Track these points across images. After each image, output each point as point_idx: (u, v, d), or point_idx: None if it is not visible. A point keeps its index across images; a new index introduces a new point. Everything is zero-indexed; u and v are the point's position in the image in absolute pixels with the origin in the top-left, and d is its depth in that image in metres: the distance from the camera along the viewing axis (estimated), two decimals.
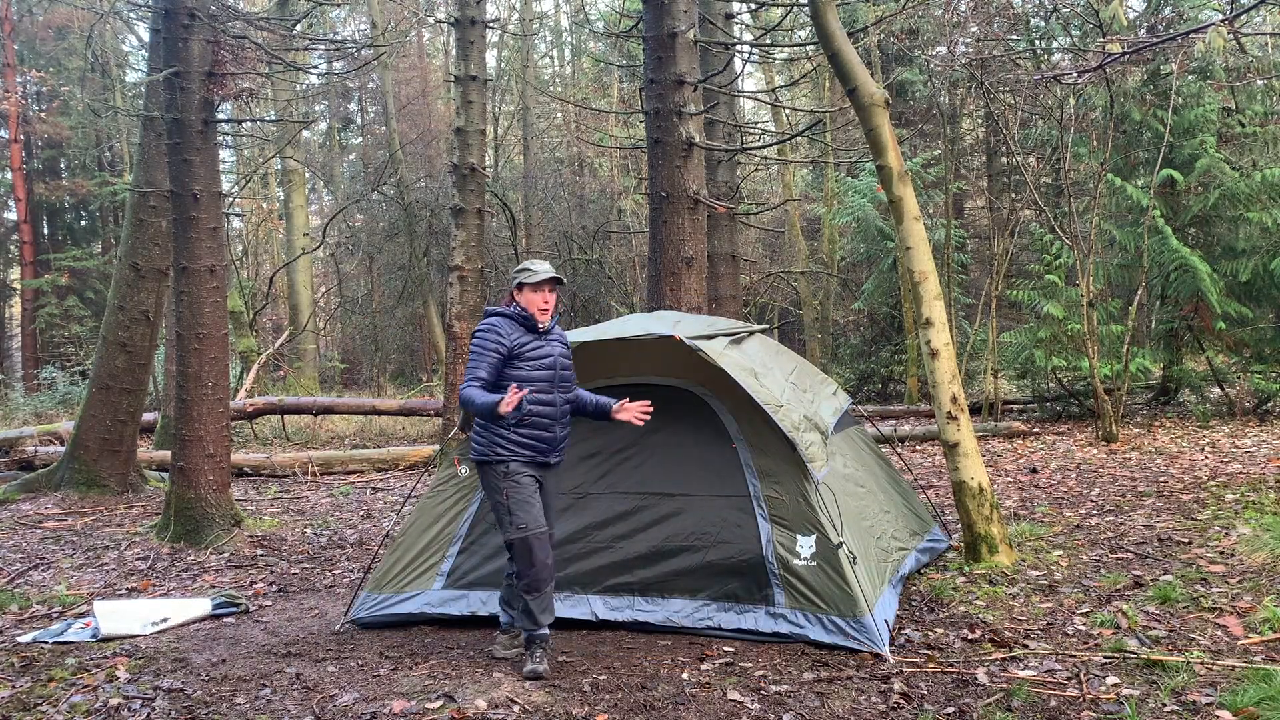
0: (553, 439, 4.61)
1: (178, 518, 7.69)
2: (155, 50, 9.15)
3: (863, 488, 5.60)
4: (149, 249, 9.86)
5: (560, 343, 4.75)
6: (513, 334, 4.56)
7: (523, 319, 4.60)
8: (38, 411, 18.22)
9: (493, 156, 20.64)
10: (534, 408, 4.52)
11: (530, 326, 4.60)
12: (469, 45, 11.56)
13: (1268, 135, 12.34)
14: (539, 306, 4.61)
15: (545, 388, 4.56)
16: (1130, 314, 11.50)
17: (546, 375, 4.58)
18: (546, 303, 4.63)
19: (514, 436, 4.52)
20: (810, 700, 3.96)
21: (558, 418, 4.63)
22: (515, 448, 4.52)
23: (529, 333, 4.60)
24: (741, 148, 12.49)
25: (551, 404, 4.59)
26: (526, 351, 4.56)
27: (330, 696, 4.22)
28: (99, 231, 26.16)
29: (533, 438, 4.55)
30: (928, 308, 5.94)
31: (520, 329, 4.60)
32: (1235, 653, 4.18)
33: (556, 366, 4.63)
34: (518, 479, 4.50)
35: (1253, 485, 7.63)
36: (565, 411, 4.68)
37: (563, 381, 4.66)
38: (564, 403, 4.66)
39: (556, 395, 4.60)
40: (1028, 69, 12.34)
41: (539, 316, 4.62)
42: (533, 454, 4.55)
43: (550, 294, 4.65)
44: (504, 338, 4.53)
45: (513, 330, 4.57)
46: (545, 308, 4.63)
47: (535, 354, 4.58)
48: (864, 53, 14.69)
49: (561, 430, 4.66)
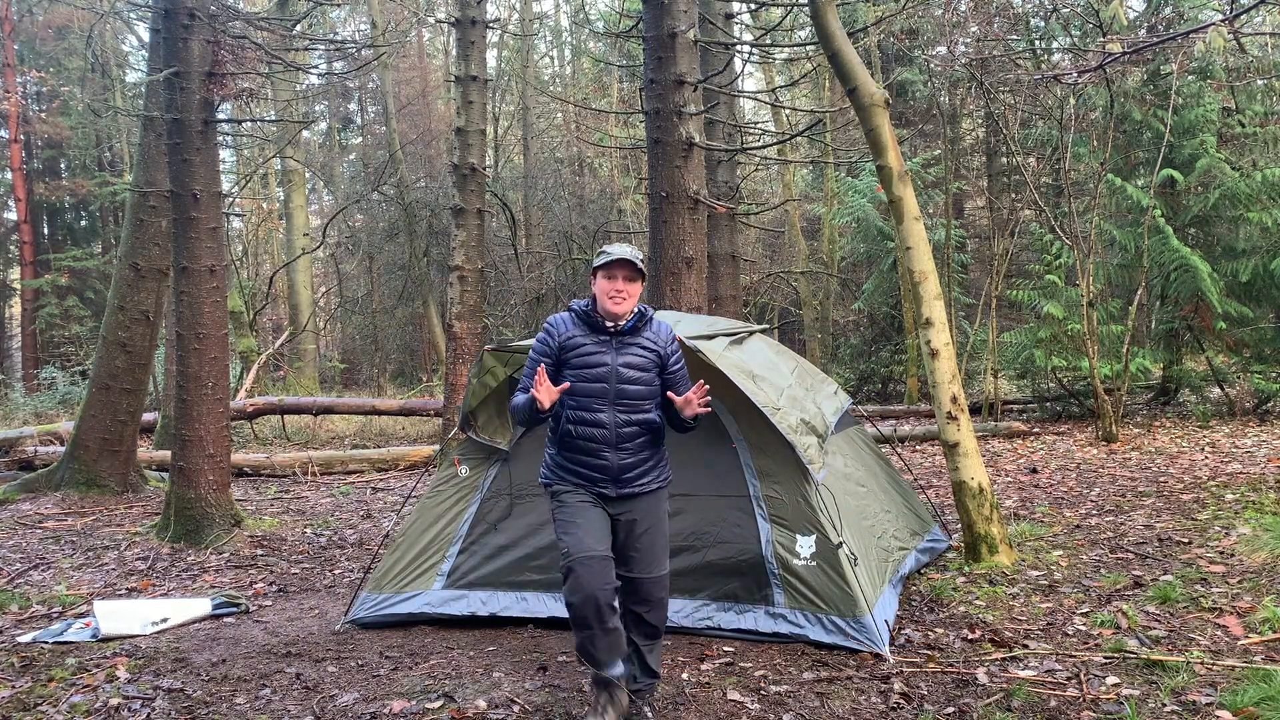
0: (606, 467, 3.80)
1: (178, 518, 7.69)
2: (155, 50, 9.15)
3: (863, 487, 5.60)
4: (149, 249, 9.86)
5: (640, 349, 3.85)
6: (566, 333, 3.84)
7: (585, 315, 3.86)
8: (38, 411, 18.21)
9: (493, 156, 20.63)
10: (574, 427, 3.80)
11: (594, 325, 3.84)
12: (469, 45, 11.57)
13: (1268, 135, 12.34)
14: (608, 297, 3.78)
15: (594, 404, 3.79)
16: (1130, 314, 11.50)
17: (596, 389, 3.78)
18: (618, 292, 3.77)
19: (557, 458, 3.88)
20: (810, 700, 3.96)
21: (612, 442, 3.79)
22: (560, 471, 3.87)
23: (592, 332, 3.83)
24: (741, 148, 12.50)
25: (599, 424, 3.78)
26: (573, 356, 3.82)
27: (330, 696, 4.22)
28: (99, 231, 26.16)
29: (577, 463, 3.83)
30: (928, 308, 5.94)
31: (580, 326, 3.86)
32: (1235, 653, 4.18)
33: (613, 379, 3.78)
34: (562, 498, 3.85)
35: (1253, 485, 7.62)
36: (630, 435, 3.82)
37: (626, 399, 3.80)
38: (626, 424, 3.81)
39: (612, 414, 3.79)
40: (1028, 69, 12.34)
41: (610, 310, 3.79)
42: (580, 480, 3.84)
43: (626, 282, 3.78)
44: (552, 338, 3.84)
45: (569, 329, 3.85)
46: (616, 299, 3.77)
47: (583, 359, 3.80)
48: (864, 53, 14.69)
49: (623, 457, 3.81)
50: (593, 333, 3.83)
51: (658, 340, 3.91)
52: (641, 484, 3.86)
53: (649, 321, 3.94)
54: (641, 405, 3.83)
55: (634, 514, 3.84)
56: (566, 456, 3.84)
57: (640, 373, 3.83)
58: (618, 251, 3.80)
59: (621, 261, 3.77)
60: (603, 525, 3.78)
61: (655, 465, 3.92)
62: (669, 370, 3.93)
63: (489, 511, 5.33)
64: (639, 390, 3.83)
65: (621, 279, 3.78)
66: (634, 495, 3.84)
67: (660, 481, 3.93)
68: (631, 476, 3.83)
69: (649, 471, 3.89)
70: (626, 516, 3.84)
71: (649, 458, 3.89)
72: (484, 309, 11.98)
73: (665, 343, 3.94)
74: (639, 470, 3.85)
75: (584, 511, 3.78)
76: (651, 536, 3.86)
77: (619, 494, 3.81)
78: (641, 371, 3.84)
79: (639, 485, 3.85)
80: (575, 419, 3.79)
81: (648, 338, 3.89)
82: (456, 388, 11.08)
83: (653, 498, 3.89)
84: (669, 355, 3.93)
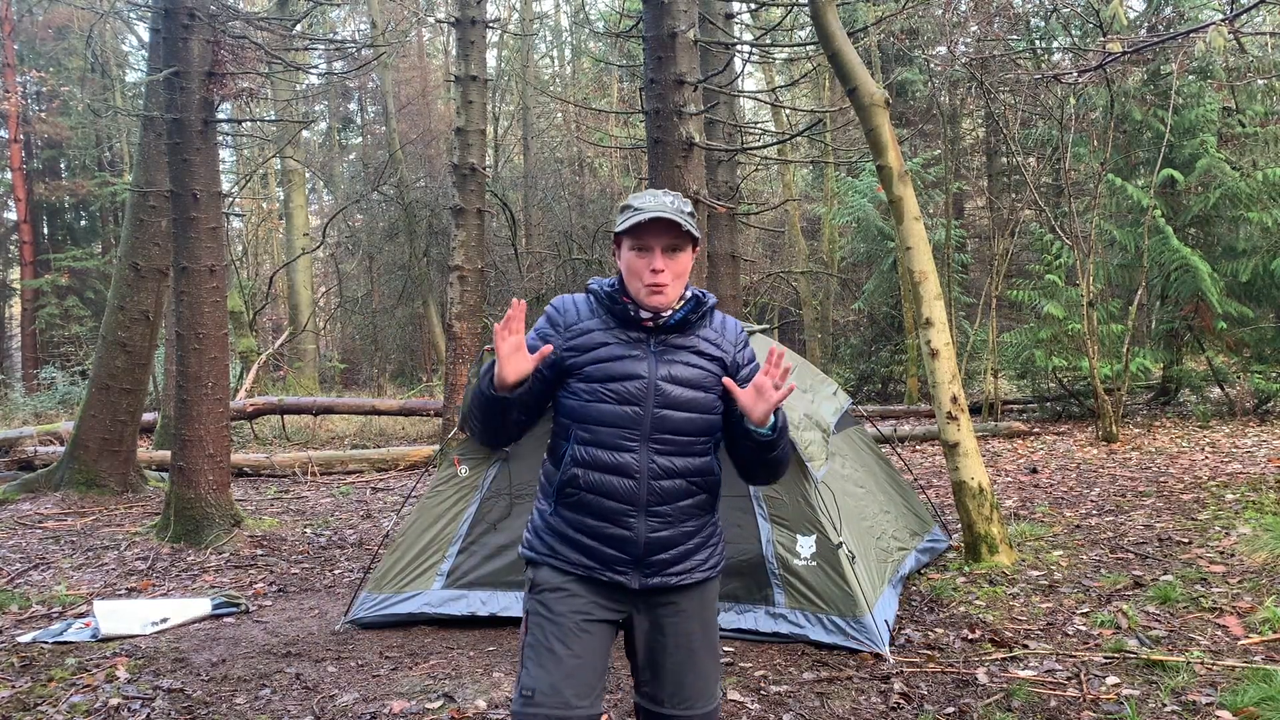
0: (628, 541, 2.40)
1: (178, 518, 7.69)
2: (155, 50, 9.15)
3: (862, 488, 5.60)
4: (149, 249, 9.86)
5: (695, 356, 2.44)
6: (578, 323, 2.46)
7: (609, 300, 2.45)
8: (37, 411, 18.21)
9: (493, 156, 20.64)
10: (583, 472, 2.40)
11: (622, 315, 2.43)
12: (469, 45, 11.57)
13: (1268, 135, 12.34)
14: (642, 281, 2.39)
15: (618, 437, 2.39)
16: (1130, 314, 11.51)
17: (623, 415, 2.38)
18: (657, 274, 2.36)
19: (551, 519, 2.47)
20: (810, 700, 3.96)
21: (642, 501, 2.39)
22: (552, 542, 2.46)
23: (618, 326, 2.44)
24: (741, 148, 12.50)
25: (624, 470, 2.38)
26: (588, 360, 2.41)
27: (330, 696, 4.22)
28: (99, 231, 26.17)
29: (583, 530, 2.42)
30: (928, 308, 5.94)
31: (602, 316, 2.46)
32: (1235, 653, 4.17)
33: (649, 400, 2.38)
34: (545, 599, 2.43)
35: (1253, 485, 7.62)
36: (672, 492, 2.41)
37: (669, 432, 2.40)
38: (667, 473, 2.40)
39: (645, 454, 2.39)
40: (1028, 69, 12.34)
41: (646, 296, 2.39)
42: (584, 563, 2.42)
43: (669, 256, 2.37)
44: (557, 328, 2.46)
45: (583, 317, 2.47)
46: (655, 286, 2.37)
47: (604, 367, 2.40)
48: (864, 53, 14.69)
49: (656, 526, 2.40)
50: (620, 327, 2.43)
51: (723, 341, 2.50)
52: (681, 572, 2.45)
53: (708, 313, 2.51)
54: (694, 444, 2.43)
55: (664, 619, 2.46)
56: (567, 519, 2.44)
57: (694, 392, 2.42)
58: (652, 206, 2.34)
59: (657, 223, 2.33)
60: (599, 660, 2.43)
61: (706, 542, 2.51)
62: None
63: (489, 511, 5.33)
64: (691, 421, 2.42)
65: (660, 251, 2.36)
66: (667, 590, 2.45)
67: (710, 570, 2.51)
68: (667, 559, 2.43)
69: (696, 551, 2.48)
70: (652, 622, 2.47)
71: (698, 529, 2.48)
72: (484, 309, 11.98)
73: (735, 345, 2.52)
74: (681, 548, 2.45)
75: (573, 634, 2.38)
76: (694, 655, 2.48)
77: (644, 585, 2.42)
78: (696, 391, 2.42)
79: (677, 574, 2.44)
80: (586, 459, 2.40)
81: (707, 338, 2.48)
82: (456, 388, 11.08)
83: (698, 594, 2.49)
84: (740, 365, 2.51)
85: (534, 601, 2.46)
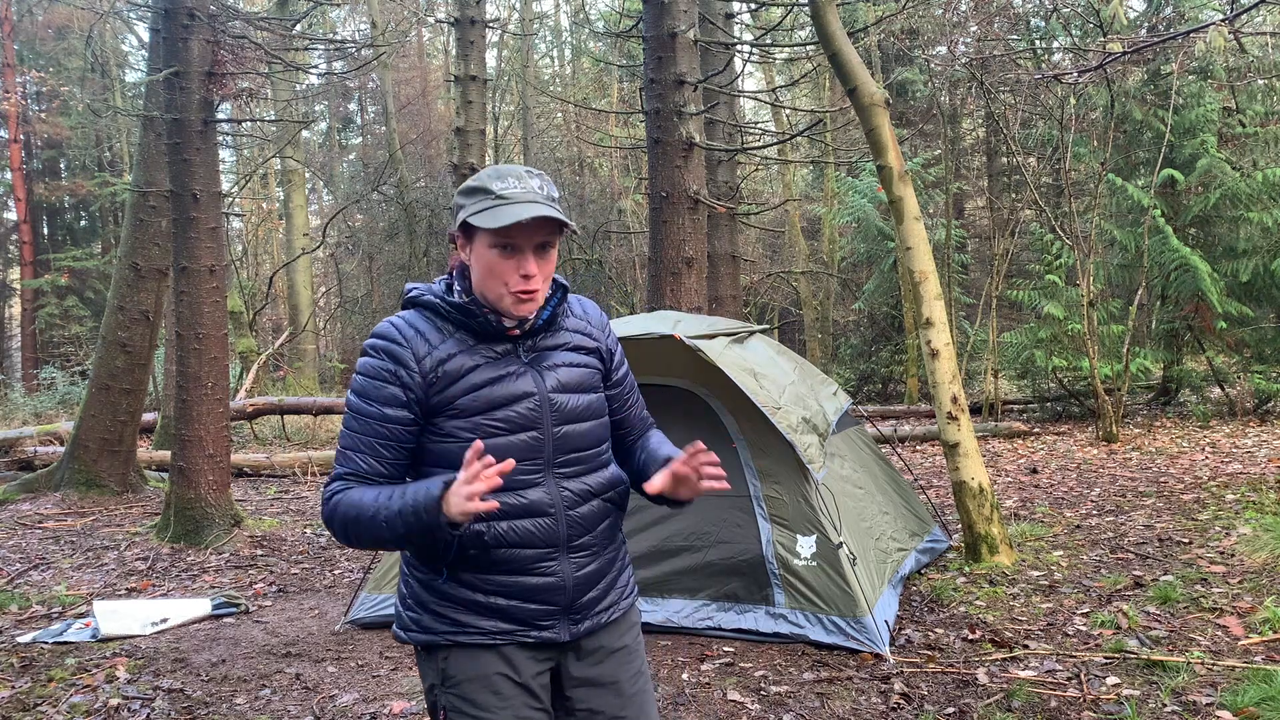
0: (555, 589, 2.01)
1: (178, 518, 7.69)
2: (155, 50, 9.15)
3: (862, 489, 5.60)
4: (149, 249, 9.86)
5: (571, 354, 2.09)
6: (428, 350, 1.98)
7: (460, 312, 1.99)
8: (37, 411, 18.21)
9: (493, 156, 20.64)
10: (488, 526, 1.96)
11: (478, 326, 1.99)
12: (469, 45, 11.57)
13: (1268, 135, 12.34)
14: (507, 287, 1.96)
15: (520, 474, 1.96)
16: (1130, 314, 11.50)
17: (520, 443, 1.98)
18: (527, 279, 1.95)
19: (442, 587, 2.00)
20: (810, 701, 3.96)
21: (561, 538, 2.01)
22: (451, 612, 2.00)
23: (477, 341, 2.00)
24: (741, 148, 12.50)
25: (537, 510, 1.99)
26: (451, 391, 1.96)
27: (330, 696, 4.21)
28: (99, 231, 26.18)
29: (495, 589, 1.99)
30: (928, 308, 5.94)
31: (448, 333, 2.01)
32: (1235, 653, 4.17)
33: (546, 419, 2.01)
34: (464, 691, 1.99)
35: (1253, 485, 7.62)
36: (589, 519, 2.06)
37: (572, 450, 2.05)
38: (581, 498, 2.04)
39: (554, 486, 2.01)
40: (1028, 69, 12.34)
41: (513, 305, 1.97)
42: (501, 624, 2.00)
43: (540, 256, 1.96)
44: (406, 366, 1.96)
45: (431, 343, 1.99)
46: (523, 293, 1.96)
47: (477, 392, 1.97)
48: (864, 53, 14.70)
49: (583, 562, 2.05)
50: (483, 343, 2.00)
51: (591, 329, 2.14)
52: (609, 607, 2.12)
53: (565, 300, 2.11)
54: (599, 455, 2.11)
55: (603, 672, 2.10)
56: (469, 583, 1.99)
57: (587, 396, 2.09)
58: (520, 195, 1.92)
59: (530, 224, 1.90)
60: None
61: (624, 563, 2.21)
62: (613, 377, 2.19)
63: None
64: (592, 430, 2.08)
65: (532, 253, 1.95)
66: (598, 631, 2.10)
67: (633, 592, 2.21)
68: (595, 596, 2.08)
69: (617, 577, 2.16)
70: (587, 679, 2.09)
71: (616, 551, 2.16)
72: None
73: (603, 330, 2.17)
74: (606, 579, 2.11)
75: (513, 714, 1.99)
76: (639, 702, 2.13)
77: (574, 634, 2.05)
78: (588, 394, 2.09)
79: (607, 610, 2.11)
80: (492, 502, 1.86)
81: (576, 329, 2.12)
82: None
83: (628, 624, 2.18)
84: (613, 352, 2.19)
85: (452, 698, 1.99)
